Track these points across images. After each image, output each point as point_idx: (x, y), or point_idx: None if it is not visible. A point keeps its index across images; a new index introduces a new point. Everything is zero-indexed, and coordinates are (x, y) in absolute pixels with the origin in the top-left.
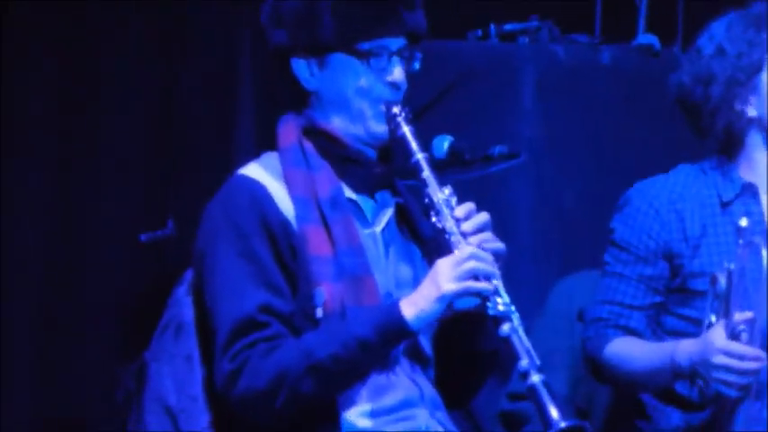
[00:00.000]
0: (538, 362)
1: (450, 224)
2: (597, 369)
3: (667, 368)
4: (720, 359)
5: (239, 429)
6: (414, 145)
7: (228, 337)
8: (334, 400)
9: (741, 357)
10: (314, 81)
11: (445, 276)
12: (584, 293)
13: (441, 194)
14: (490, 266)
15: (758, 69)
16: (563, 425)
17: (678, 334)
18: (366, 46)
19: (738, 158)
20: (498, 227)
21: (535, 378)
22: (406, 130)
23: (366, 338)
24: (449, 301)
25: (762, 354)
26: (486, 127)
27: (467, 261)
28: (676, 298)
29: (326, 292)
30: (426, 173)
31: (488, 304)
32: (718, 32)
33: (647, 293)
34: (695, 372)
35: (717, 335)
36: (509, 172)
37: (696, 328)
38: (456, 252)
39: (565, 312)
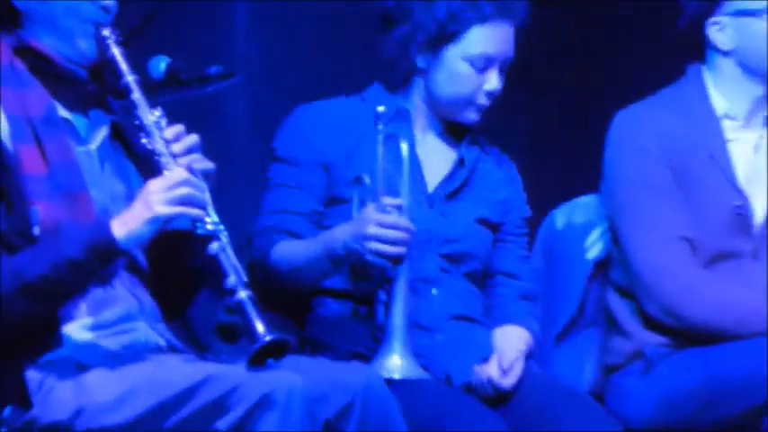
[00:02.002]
0: (245, 278)
1: (159, 145)
2: (266, 275)
3: (324, 255)
4: (373, 229)
5: None
6: (124, 67)
7: None
8: (54, 315)
9: (393, 227)
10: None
11: (157, 199)
12: None
13: (151, 116)
14: (201, 192)
15: (448, 40)
16: (268, 338)
17: None
18: None
19: (400, 92)
20: (215, 146)
21: (242, 294)
22: (116, 51)
23: (76, 258)
24: (160, 223)
25: (411, 225)
26: (200, 47)
27: (179, 187)
28: (328, 211)
29: (42, 211)
30: (136, 95)
31: (197, 224)
32: None
33: (308, 200)
34: (350, 252)
35: (369, 211)
36: (226, 91)
37: None
38: (166, 173)
39: None
